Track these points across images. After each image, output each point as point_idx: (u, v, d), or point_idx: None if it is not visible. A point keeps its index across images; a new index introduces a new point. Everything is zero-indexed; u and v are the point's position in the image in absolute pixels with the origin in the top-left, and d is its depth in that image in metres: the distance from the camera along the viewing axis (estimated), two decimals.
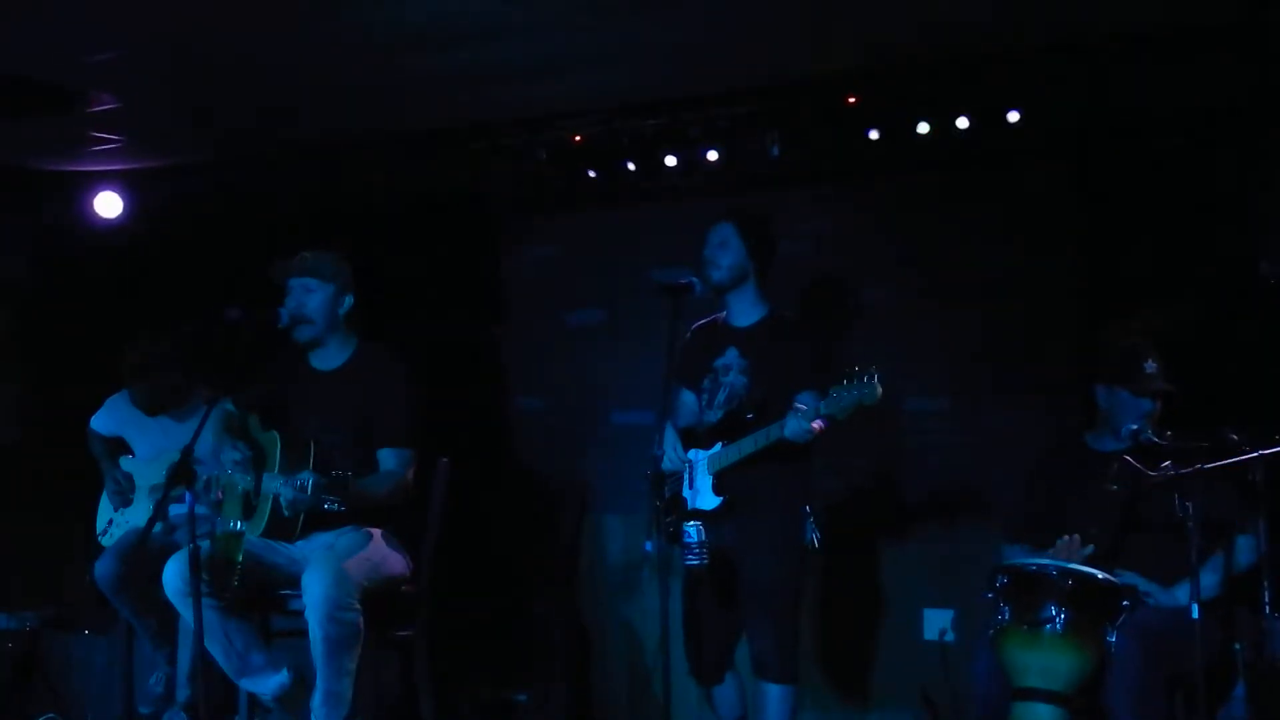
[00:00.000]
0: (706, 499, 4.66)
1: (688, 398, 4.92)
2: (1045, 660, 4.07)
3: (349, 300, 4.82)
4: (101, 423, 5.87)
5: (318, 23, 4.62)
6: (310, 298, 4.75)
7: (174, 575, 4.50)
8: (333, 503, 4.37)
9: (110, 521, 5.78)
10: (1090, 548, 4.34)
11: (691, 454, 4.70)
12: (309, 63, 5.04)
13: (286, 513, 4.51)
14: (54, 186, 6.56)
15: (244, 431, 4.85)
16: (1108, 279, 5.24)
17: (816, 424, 4.37)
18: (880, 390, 4.27)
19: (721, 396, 4.76)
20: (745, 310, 4.80)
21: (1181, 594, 4.19)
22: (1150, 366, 4.45)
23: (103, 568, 5.37)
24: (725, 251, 4.74)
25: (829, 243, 5.87)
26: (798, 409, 4.40)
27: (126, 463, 5.83)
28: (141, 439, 5.79)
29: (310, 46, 4.88)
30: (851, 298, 5.81)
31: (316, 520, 4.58)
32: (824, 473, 5.61)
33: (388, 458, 4.71)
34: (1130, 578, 4.30)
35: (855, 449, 5.63)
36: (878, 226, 5.79)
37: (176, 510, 4.28)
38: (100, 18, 4.55)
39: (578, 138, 5.77)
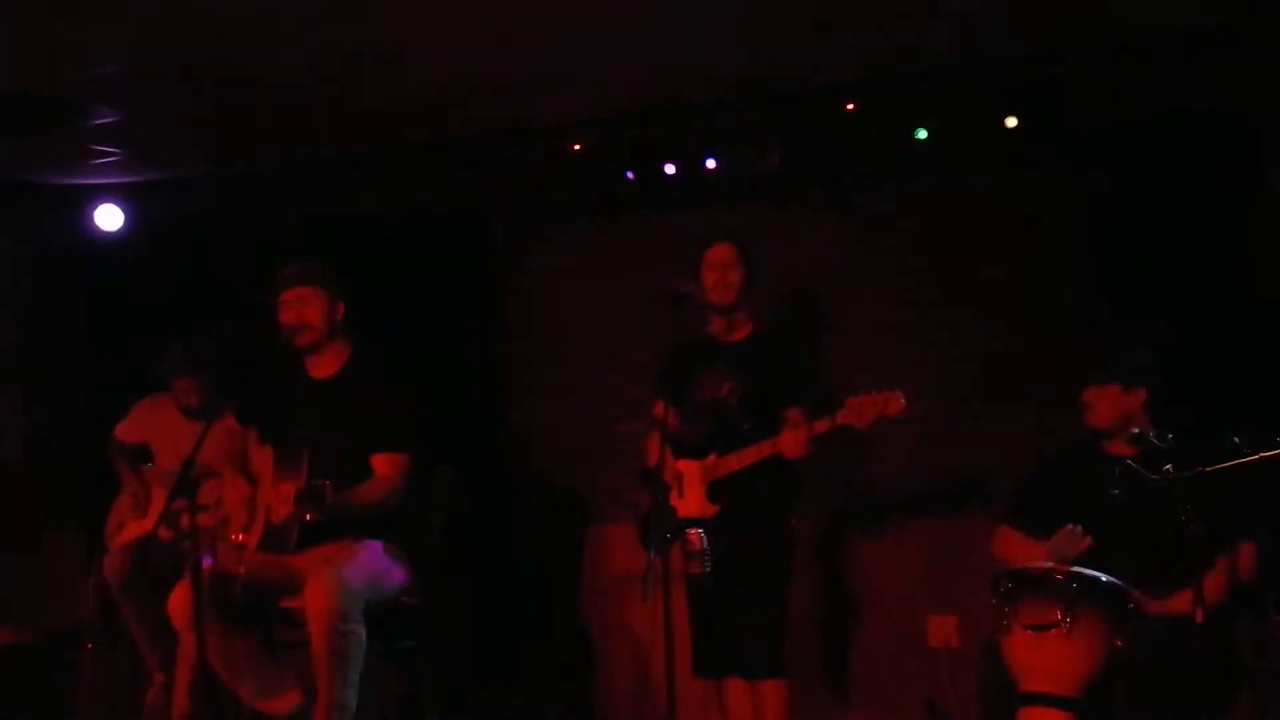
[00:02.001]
0: (699, 507, 4.72)
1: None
2: (1052, 664, 4.06)
3: (342, 307, 4.82)
4: (127, 430, 5.82)
5: (316, 36, 4.63)
6: (309, 306, 4.76)
7: (181, 606, 4.47)
8: (312, 513, 4.35)
9: (121, 525, 5.75)
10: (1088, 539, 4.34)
11: (681, 464, 4.74)
12: (309, 76, 5.05)
13: (273, 522, 4.50)
14: (55, 200, 6.56)
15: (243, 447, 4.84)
16: (1108, 283, 5.23)
17: (805, 436, 4.54)
18: (903, 401, 4.47)
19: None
20: (734, 326, 4.92)
21: (1175, 601, 4.19)
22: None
23: (114, 563, 5.38)
24: (733, 272, 4.86)
25: (829, 248, 5.88)
26: (792, 424, 4.59)
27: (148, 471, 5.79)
28: (170, 445, 5.69)
29: (310, 60, 4.88)
30: (852, 303, 5.82)
31: (316, 531, 4.56)
32: (828, 479, 5.66)
33: (380, 463, 4.68)
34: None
35: (859, 455, 5.64)
36: (878, 232, 5.79)
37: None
38: (100, 32, 4.56)
39: (577, 147, 5.78)
